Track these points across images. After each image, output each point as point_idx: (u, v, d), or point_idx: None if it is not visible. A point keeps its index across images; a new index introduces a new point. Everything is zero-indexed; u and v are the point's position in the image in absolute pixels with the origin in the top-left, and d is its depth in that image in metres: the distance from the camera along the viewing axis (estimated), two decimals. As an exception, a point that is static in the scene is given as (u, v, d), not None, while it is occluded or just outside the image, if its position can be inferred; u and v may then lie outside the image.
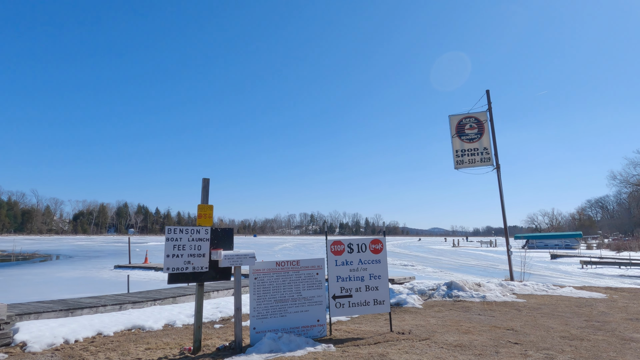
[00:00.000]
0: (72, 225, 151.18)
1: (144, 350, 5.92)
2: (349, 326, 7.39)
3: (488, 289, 11.27)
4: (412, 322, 7.74)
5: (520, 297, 10.63)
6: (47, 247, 56.02)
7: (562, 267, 25.47)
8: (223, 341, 6.40)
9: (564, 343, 6.02)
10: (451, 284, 11.21)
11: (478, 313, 8.55)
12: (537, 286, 12.27)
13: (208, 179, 6.08)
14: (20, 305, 8.22)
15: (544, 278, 18.09)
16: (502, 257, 36.09)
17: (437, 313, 8.64)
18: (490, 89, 14.54)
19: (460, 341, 6.14)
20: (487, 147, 14.19)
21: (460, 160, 14.36)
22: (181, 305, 9.28)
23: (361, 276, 6.90)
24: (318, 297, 6.59)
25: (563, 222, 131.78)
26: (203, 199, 6.02)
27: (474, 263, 29.24)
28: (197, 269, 5.78)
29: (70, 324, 7.01)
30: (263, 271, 6.35)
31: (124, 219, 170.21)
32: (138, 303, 9.11)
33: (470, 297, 10.44)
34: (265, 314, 6.26)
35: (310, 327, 6.47)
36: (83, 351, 5.88)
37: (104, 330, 6.96)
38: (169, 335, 6.83)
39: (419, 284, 12.03)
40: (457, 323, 7.53)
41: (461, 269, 24.15)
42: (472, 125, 14.40)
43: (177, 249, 5.67)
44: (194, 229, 5.83)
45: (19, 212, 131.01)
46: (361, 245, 7.02)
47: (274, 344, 5.72)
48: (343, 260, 6.87)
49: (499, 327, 7.17)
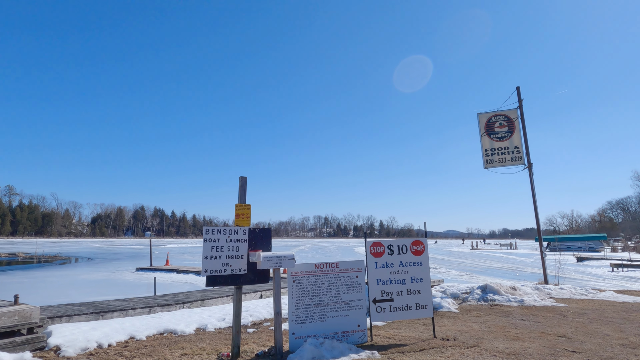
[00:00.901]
0: (91, 228, 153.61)
1: (180, 355, 5.70)
2: (388, 331, 7.07)
3: (524, 292, 10.81)
4: (453, 327, 7.37)
5: (559, 302, 10.15)
6: (68, 249, 56.87)
7: (591, 270, 24.64)
8: (260, 346, 6.15)
9: (626, 352, 5.59)
10: (486, 287, 10.79)
11: (521, 318, 8.14)
12: (574, 290, 11.75)
13: (245, 177, 5.84)
14: (51, 308, 8.11)
15: (575, 281, 17.43)
16: (526, 260, 35.23)
17: (477, 318, 8.25)
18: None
19: (513, 349, 5.76)
20: (518, 145, 13.71)
21: (489, 160, 13.91)
22: (210, 309, 9.07)
23: (402, 279, 6.58)
24: (358, 301, 6.29)
25: (583, 224, 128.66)
26: (240, 198, 5.78)
27: (497, 266, 28.54)
28: (235, 271, 5.54)
29: (102, 328, 6.84)
30: (301, 274, 6.08)
31: (141, 222, 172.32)
32: (167, 306, 8.93)
33: (507, 301, 10.01)
34: (305, 318, 5.98)
35: (351, 332, 6.17)
36: (118, 356, 5.69)
37: (137, 334, 6.77)
38: (202, 340, 6.61)
39: (450, 287, 11.63)
40: (502, 329, 7.14)
41: (486, 271, 23.54)
42: (502, 124, 13.94)
43: (215, 250, 5.44)
44: (232, 229, 5.60)
45: (39, 215, 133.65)
46: (402, 246, 6.70)
47: (316, 351, 5.44)
48: (383, 263, 6.56)
49: (548, 333, 6.76)
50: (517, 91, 13.98)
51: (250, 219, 5.82)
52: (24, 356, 5.42)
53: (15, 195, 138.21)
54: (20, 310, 5.99)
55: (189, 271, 19.96)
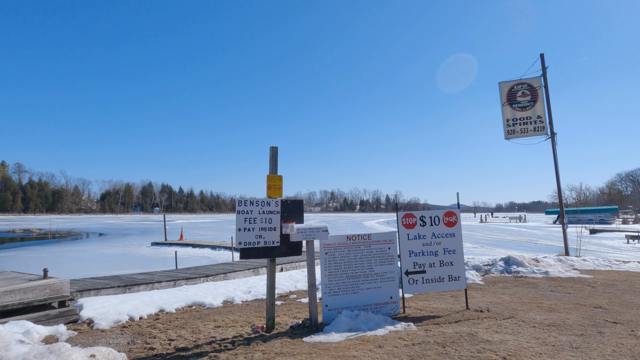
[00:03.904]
0: (100, 205, 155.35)
1: (213, 327, 5.67)
2: (417, 303, 6.99)
3: (548, 264, 10.68)
4: (482, 299, 7.28)
5: (584, 273, 10.02)
6: (80, 225, 57.66)
7: (606, 242, 24.49)
8: (291, 318, 6.09)
9: (669, 322, 5.46)
10: (509, 259, 10.67)
11: (549, 290, 8.02)
12: (597, 261, 11.60)
13: (276, 147, 5.64)
14: (77, 282, 8.12)
15: (593, 253, 17.30)
16: (538, 233, 35.14)
17: (505, 290, 8.15)
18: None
19: (551, 320, 5.65)
20: (541, 115, 13.30)
21: (511, 130, 13.54)
22: (234, 282, 9.06)
23: (435, 251, 6.44)
24: (390, 273, 6.18)
25: (591, 197, 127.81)
26: (272, 168, 5.60)
27: (510, 238, 28.47)
28: (268, 244, 5.42)
29: (130, 301, 6.82)
30: (334, 246, 5.96)
31: (149, 198, 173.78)
32: (191, 279, 8.93)
33: (532, 272, 9.89)
34: (337, 290, 5.89)
35: (384, 304, 6.08)
36: (151, 328, 5.66)
37: (166, 307, 6.75)
38: (232, 313, 6.57)
39: (471, 260, 11.53)
40: (534, 300, 7.03)
41: (500, 244, 23.48)
42: (524, 92, 13.49)
43: (248, 222, 5.30)
44: (264, 200, 5.44)
45: (49, 192, 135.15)
46: (434, 218, 6.53)
47: (352, 322, 5.36)
48: (415, 234, 6.41)
49: (583, 304, 6.64)
50: (541, 58, 13.47)
51: (282, 190, 5.65)
52: (58, 329, 5.40)
53: (25, 173, 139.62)
54: (50, 284, 5.96)
55: (205, 245, 20.08)
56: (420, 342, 4.72)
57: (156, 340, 5.10)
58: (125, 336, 5.33)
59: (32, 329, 5.09)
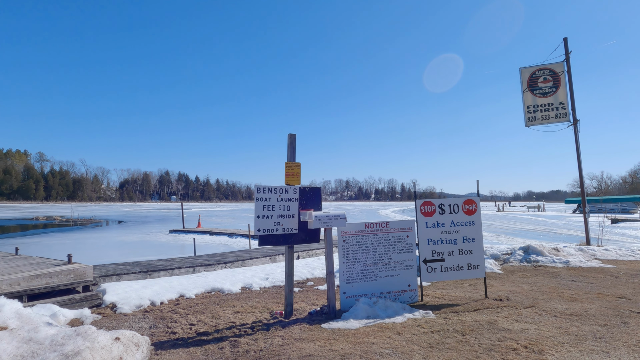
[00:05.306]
0: (119, 193, 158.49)
1: (233, 313, 5.74)
2: (435, 291, 6.95)
3: (568, 253, 10.50)
4: (502, 287, 7.20)
5: (606, 263, 9.81)
6: (100, 213, 58.98)
7: (629, 232, 23.92)
8: (309, 305, 6.13)
9: (697, 314, 5.31)
10: (528, 248, 10.51)
11: (571, 279, 7.89)
12: (620, 251, 11.35)
13: (294, 134, 5.62)
14: (100, 267, 8.32)
15: (615, 243, 16.92)
16: (557, 222, 34.53)
17: (524, 279, 8.04)
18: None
19: (573, 309, 5.56)
20: (564, 101, 12.95)
21: (532, 117, 13.24)
22: (251, 269, 9.16)
23: (454, 239, 6.37)
24: (409, 261, 6.15)
25: (612, 186, 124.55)
26: (290, 156, 5.58)
27: (529, 228, 28.05)
28: (286, 231, 5.43)
29: (151, 286, 6.97)
30: (352, 233, 5.94)
31: (166, 186, 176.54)
32: (210, 266, 9.06)
33: (552, 262, 9.73)
34: (355, 278, 5.89)
35: (402, 292, 6.07)
36: (172, 313, 5.77)
37: (186, 293, 6.87)
38: (251, 299, 6.65)
39: (489, 248, 11.41)
40: (554, 289, 6.92)
41: (518, 233, 23.16)
42: (546, 78, 13.13)
43: (267, 209, 5.32)
44: (282, 188, 5.44)
45: (70, 180, 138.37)
46: (453, 206, 6.45)
47: (370, 310, 5.36)
48: (434, 222, 6.35)
49: (605, 294, 6.51)
50: (565, 43, 13.06)
51: (300, 177, 5.65)
52: (83, 312, 5.55)
53: (47, 162, 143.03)
54: (75, 269, 6.11)
55: (222, 233, 20.33)
56: (439, 330, 4.71)
57: (177, 324, 5.20)
58: (147, 320, 5.45)
59: (58, 312, 5.24)
